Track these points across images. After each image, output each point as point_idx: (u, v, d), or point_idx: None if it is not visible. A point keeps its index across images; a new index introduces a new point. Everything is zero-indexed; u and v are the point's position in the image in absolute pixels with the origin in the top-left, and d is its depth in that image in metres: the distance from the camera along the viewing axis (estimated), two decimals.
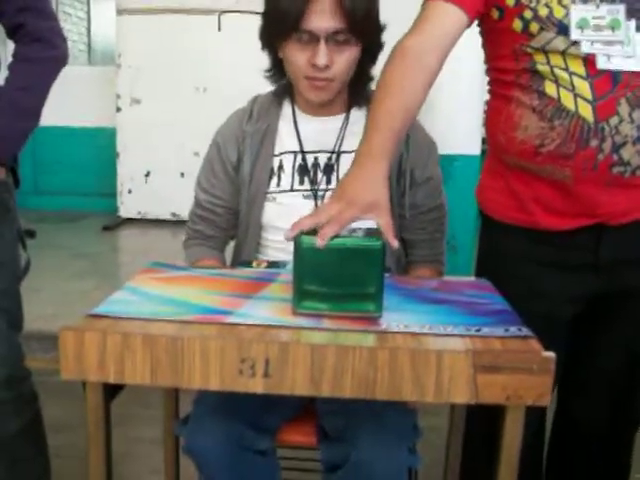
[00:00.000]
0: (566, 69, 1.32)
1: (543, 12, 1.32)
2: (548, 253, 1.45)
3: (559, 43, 1.32)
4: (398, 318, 1.14)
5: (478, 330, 1.10)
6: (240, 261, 1.50)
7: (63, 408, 2.69)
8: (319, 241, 1.07)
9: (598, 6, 1.30)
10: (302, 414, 1.46)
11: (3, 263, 1.60)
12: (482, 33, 1.48)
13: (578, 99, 1.31)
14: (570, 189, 1.38)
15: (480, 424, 1.42)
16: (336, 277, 1.11)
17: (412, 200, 1.55)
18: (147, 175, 5.59)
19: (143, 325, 1.08)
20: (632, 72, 1.30)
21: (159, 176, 5.52)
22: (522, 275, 1.47)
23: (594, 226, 1.41)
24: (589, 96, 1.31)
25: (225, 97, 3.43)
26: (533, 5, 1.33)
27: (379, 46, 1.52)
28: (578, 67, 1.31)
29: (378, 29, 1.49)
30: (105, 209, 5.76)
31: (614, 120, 1.30)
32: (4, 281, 1.62)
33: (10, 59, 1.57)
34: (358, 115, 1.57)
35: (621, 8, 1.30)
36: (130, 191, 5.63)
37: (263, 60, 1.58)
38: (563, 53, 1.32)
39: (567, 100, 1.32)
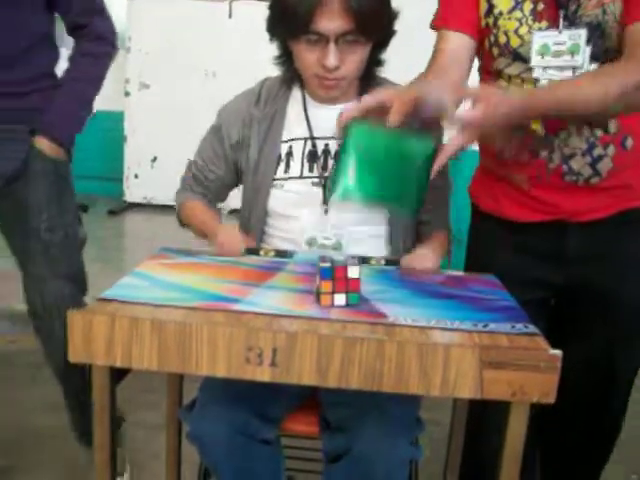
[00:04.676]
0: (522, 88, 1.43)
1: (502, 40, 1.43)
2: (520, 241, 1.54)
3: (514, 69, 1.43)
4: (405, 312, 1.14)
5: (485, 326, 1.10)
6: (248, 249, 1.50)
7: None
8: (392, 117, 1.05)
9: (561, 32, 1.37)
10: (305, 404, 1.46)
11: (69, 235, 1.76)
12: None
13: None
14: (528, 191, 1.50)
15: (483, 419, 1.43)
16: (380, 169, 1.10)
17: None
18: (154, 160, 5.59)
19: (151, 310, 1.08)
20: None
21: (166, 161, 5.51)
22: (497, 259, 1.55)
23: (558, 221, 1.49)
24: None
25: (235, 83, 3.42)
26: (495, 31, 1.44)
27: (391, 35, 1.50)
28: (532, 87, 1.41)
29: (390, 22, 1.47)
30: (111, 193, 5.76)
31: (564, 134, 1.42)
32: (71, 251, 1.83)
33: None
34: None
35: (583, 33, 1.36)
36: (136, 176, 5.63)
37: (273, 47, 1.57)
38: (519, 76, 1.43)
39: None
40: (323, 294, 1.16)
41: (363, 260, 1.42)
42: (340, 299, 1.16)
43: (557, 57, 1.37)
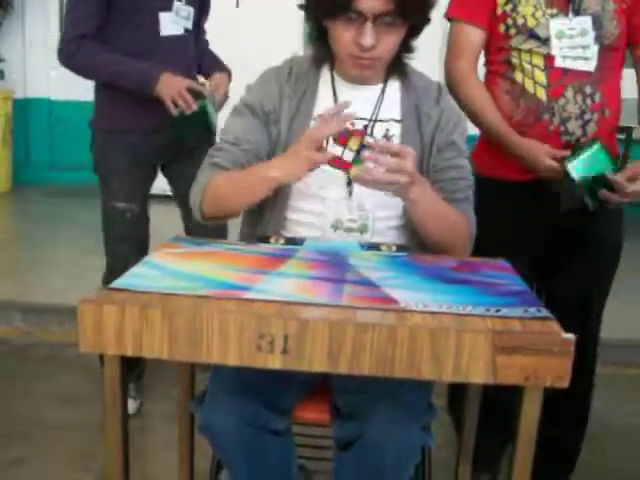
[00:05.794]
0: (530, 62, 1.78)
1: (519, 21, 1.78)
2: (520, 198, 1.83)
3: (527, 45, 1.77)
4: (417, 297, 1.13)
5: (497, 311, 1.09)
6: (258, 237, 1.49)
7: (77, 381, 2.71)
8: None
9: (571, 20, 1.76)
10: (316, 392, 1.46)
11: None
12: None
13: (536, 85, 1.77)
14: None
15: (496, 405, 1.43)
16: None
17: (433, 162, 1.55)
18: None
19: (162, 299, 1.08)
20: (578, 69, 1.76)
21: None
22: (501, 217, 1.83)
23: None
24: (544, 83, 1.77)
25: (243, 74, 3.42)
26: (513, 15, 1.78)
27: (426, 22, 1.49)
28: (539, 62, 1.77)
29: (427, 8, 1.46)
30: None
31: (562, 101, 1.76)
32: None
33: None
34: (393, 86, 1.57)
35: (588, 19, 1.75)
36: None
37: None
38: (530, 51, 1.77)
39: (529, 85, 1.78)
40: (349, 171, 1.35)
41: (373, 247, 1.41)
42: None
43: (571, 39, 1.74)
